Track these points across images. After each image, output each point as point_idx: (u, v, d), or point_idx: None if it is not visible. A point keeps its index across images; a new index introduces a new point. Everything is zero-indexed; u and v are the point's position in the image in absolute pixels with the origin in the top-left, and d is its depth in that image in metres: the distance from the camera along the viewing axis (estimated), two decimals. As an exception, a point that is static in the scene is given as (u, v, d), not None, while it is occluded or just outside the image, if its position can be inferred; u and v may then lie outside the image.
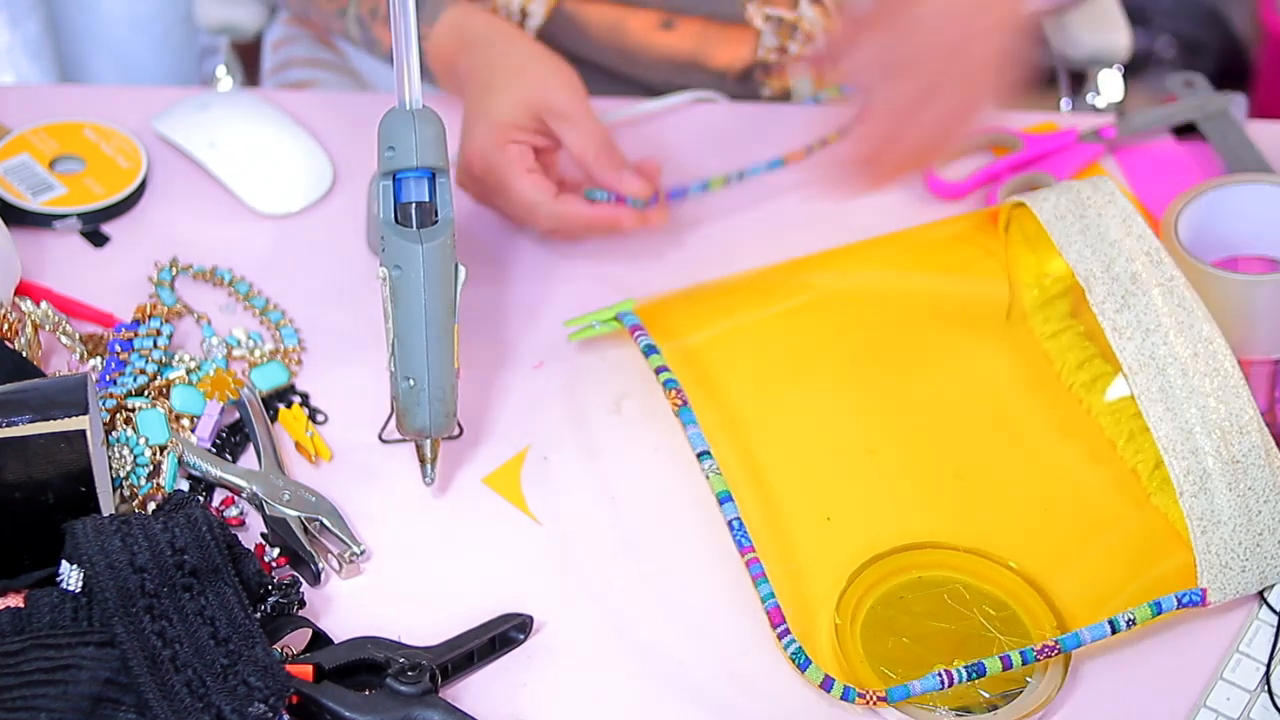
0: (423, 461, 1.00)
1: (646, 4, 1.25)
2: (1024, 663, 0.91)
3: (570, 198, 1.10)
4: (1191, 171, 1.23)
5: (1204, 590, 0.94)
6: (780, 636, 0.92)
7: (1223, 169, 1.21)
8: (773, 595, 0.93)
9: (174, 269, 1.14)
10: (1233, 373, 0.97)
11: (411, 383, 0.97)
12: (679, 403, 1.00)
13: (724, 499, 0.97)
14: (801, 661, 0.91)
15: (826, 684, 0.90)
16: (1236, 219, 1.13)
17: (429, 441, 0.99)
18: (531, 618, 0.95)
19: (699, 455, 0.98)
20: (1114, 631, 0.92)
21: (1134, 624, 0.93)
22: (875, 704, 0.90)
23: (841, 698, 0.90)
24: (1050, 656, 0.92)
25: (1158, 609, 0.93)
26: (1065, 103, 1.50)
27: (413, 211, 0.95)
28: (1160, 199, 1.20)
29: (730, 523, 0.96)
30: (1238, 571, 0.94)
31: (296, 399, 1.07)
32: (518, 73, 1.11)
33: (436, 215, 0.95)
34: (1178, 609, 0.94)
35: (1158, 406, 0.96)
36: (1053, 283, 1.11)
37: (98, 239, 1.16)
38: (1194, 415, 0.96)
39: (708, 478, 0.97)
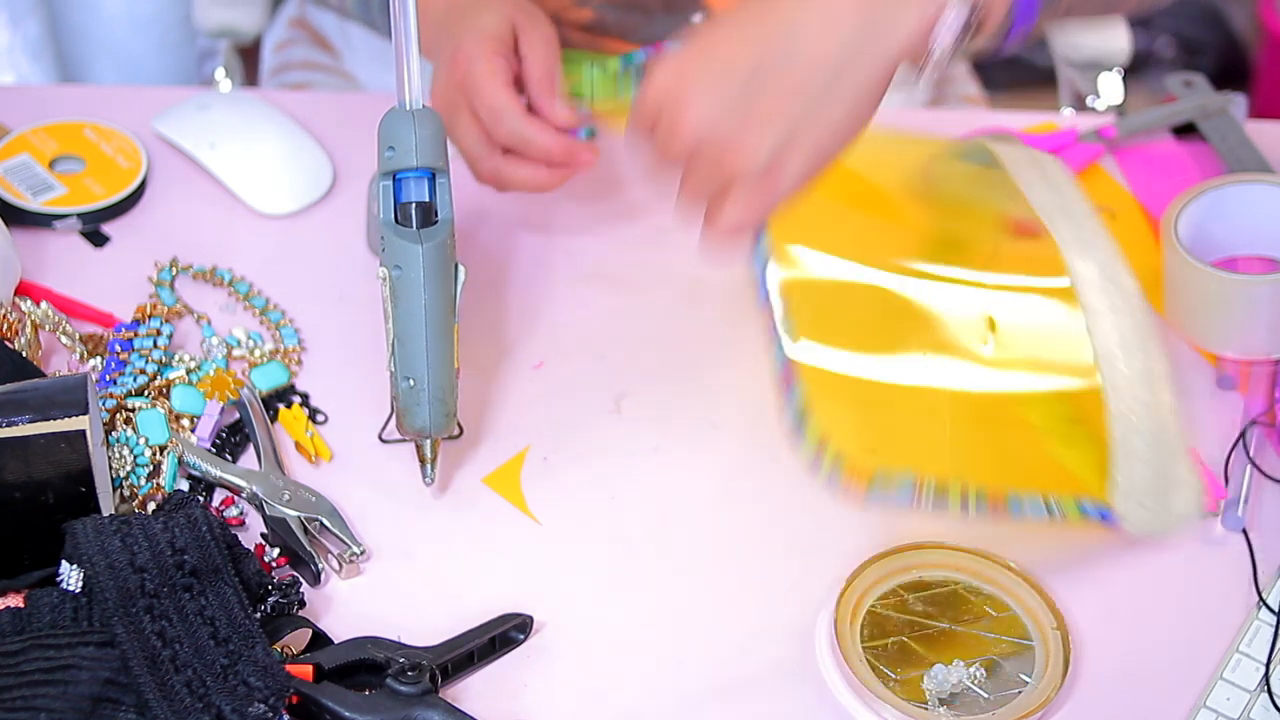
0: (423, 461, 1.00)
1: (612, 34, 1.25)
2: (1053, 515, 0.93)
3: (536, 120, 1.06)
4: (1191, 171, 1.23)
5: (1115, 512, 0.95)
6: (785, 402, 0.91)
7: (1223, 169, 1.21)
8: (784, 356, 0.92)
9: (174, 269, 1.14)
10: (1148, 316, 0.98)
11: (411, 383, 0.97)
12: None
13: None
14: (799, 428, 0.90)
15: (815, 463, 0.90)
16: (1236, 219, 1.13)
17: (429, 441, 0.99)
18: (531, 618, 0.95)
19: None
20: (1049, 514, 0.94)
21: (1061, 515, 0.94)
22: (859, 488, 0.90)
23: (827, 478, 0.89)
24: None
25: (1082, 509, 0.94)
26: (1065, 104, 1.50)
27: (413, 211, 0.95)
28: (1160, 199, 1.20)
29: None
30: (1148, 509, 0.96)
31: (296, 399, 1.07)
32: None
33: (436, 215, 0.95)
34: (1098, 520, 0.95)
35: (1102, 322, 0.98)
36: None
37: (98, 239, 1.16)
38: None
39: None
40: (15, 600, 0.87)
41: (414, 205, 0.95)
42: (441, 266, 0.95)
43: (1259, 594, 0.98)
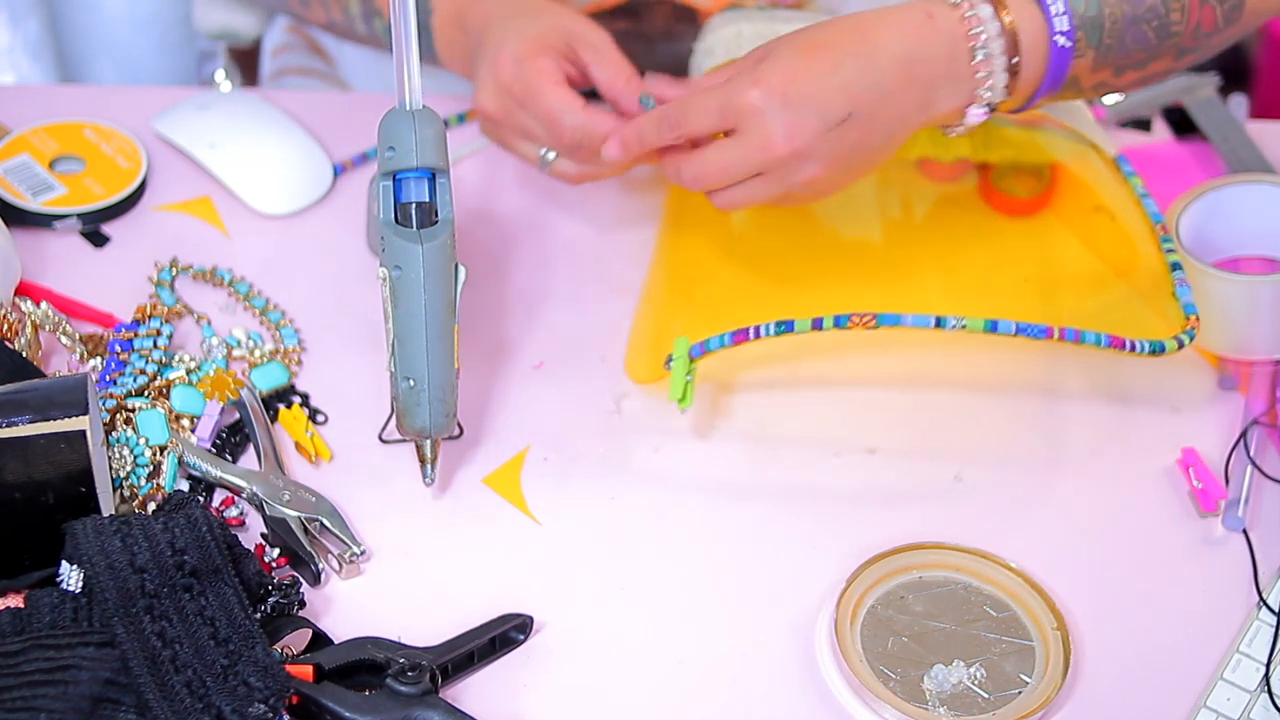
0: (423, 461, 1.00)
1: None
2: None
3: (596, 110, 1.06)
4: (1192, 171, 1.22)
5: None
6: None
7: (1224, 169, 1.21)
8: None
9: (174, 269, 1.14)
10: None
11: (411, 383, 0.96)
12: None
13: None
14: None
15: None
16: (1237, 219, 1.13)
17: (429, 442, 0.99)
18: (531, 618, 0.95)
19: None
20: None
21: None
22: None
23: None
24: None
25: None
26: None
27: (413, 211, 0.95)
28: (1161, 199, 1.19)
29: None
30: None
31: (296, 399, 1.07)
32: (545, 8, 1.09)
33: (436, 215, 0.95)
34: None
35: None
36: None
37: (98, 239, 1.16)
38: None
39: None
40: (15, 600, 0.87)
41: (414, 205, 0.95)
42: (441, 266, 0.95)
43: (1259, 594, 0.98)
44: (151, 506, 0.99)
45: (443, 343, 0.96)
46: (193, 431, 1.03)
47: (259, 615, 0.91)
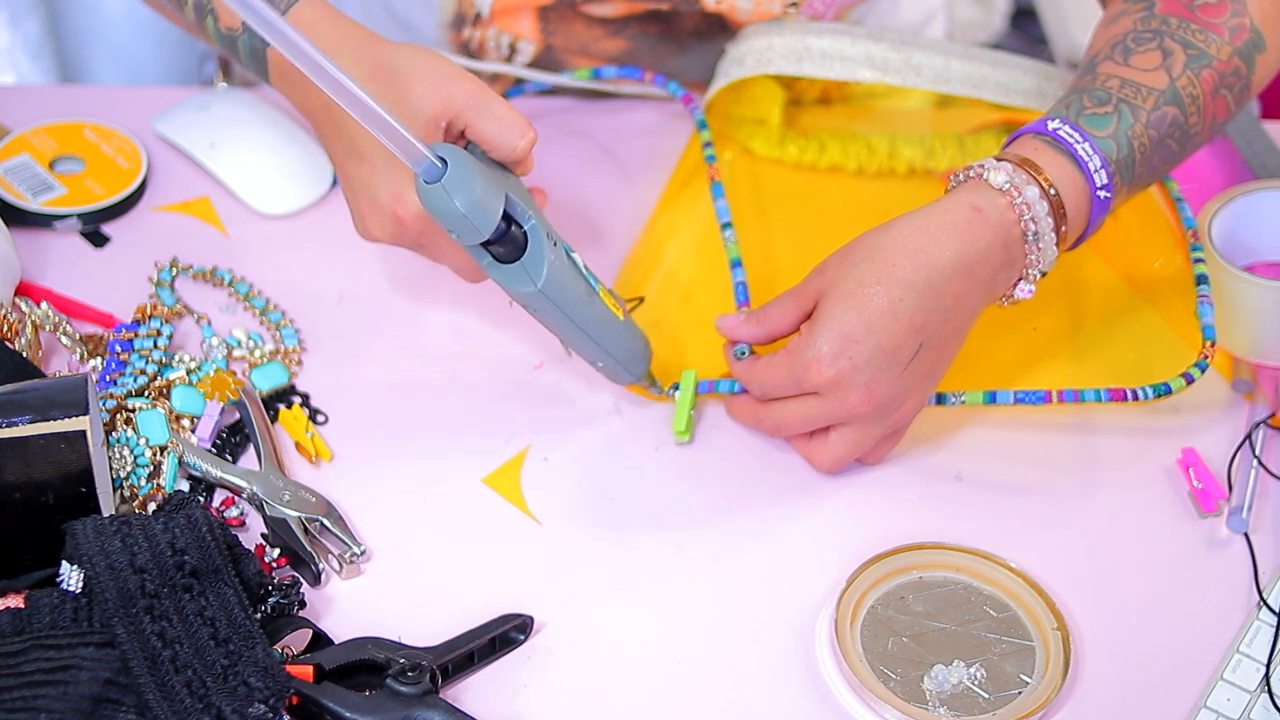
0: (653, 385, 1.06)
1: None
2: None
3: None
4: (1214, 173, 1.22)
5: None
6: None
7: (1245, 168, 1.20)
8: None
9: (174, 269, 1.14)
10: None
11: (600, 363, 1.01)
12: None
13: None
14: None
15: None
16: (1267, 224, 1.12)
17: (646, 381, 1.05)
18: (531, 618, 0.95)
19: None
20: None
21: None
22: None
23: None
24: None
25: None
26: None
27: (501, 254, 0.94)
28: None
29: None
30: None
31: (296, 399, 1.07)
32: (401, 89, 0.95)
33: (522, 228, 0.94)
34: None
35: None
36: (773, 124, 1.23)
37: (98, 239, 1.16)
38: None
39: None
40: (15, 600, 0.87)
41: (497, 247, 0.94)
42: (560, 276, 0.95)
43: (1259, 594, 0.98)
44: (152, 506, 0.99)
45: (601, 324, 0.99)
46: (193, 431, 1.03)
47: (259, 615, 0.91)
